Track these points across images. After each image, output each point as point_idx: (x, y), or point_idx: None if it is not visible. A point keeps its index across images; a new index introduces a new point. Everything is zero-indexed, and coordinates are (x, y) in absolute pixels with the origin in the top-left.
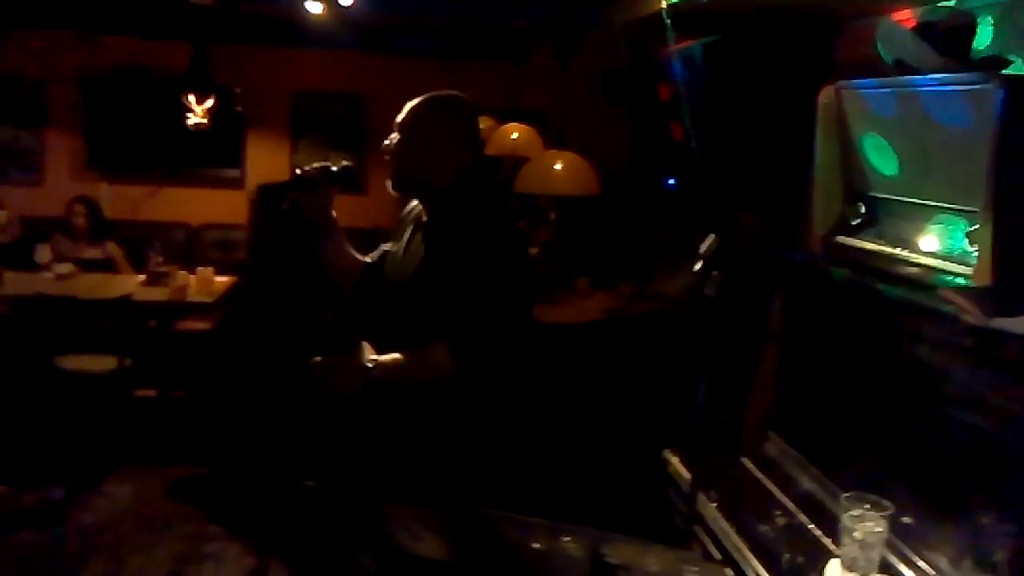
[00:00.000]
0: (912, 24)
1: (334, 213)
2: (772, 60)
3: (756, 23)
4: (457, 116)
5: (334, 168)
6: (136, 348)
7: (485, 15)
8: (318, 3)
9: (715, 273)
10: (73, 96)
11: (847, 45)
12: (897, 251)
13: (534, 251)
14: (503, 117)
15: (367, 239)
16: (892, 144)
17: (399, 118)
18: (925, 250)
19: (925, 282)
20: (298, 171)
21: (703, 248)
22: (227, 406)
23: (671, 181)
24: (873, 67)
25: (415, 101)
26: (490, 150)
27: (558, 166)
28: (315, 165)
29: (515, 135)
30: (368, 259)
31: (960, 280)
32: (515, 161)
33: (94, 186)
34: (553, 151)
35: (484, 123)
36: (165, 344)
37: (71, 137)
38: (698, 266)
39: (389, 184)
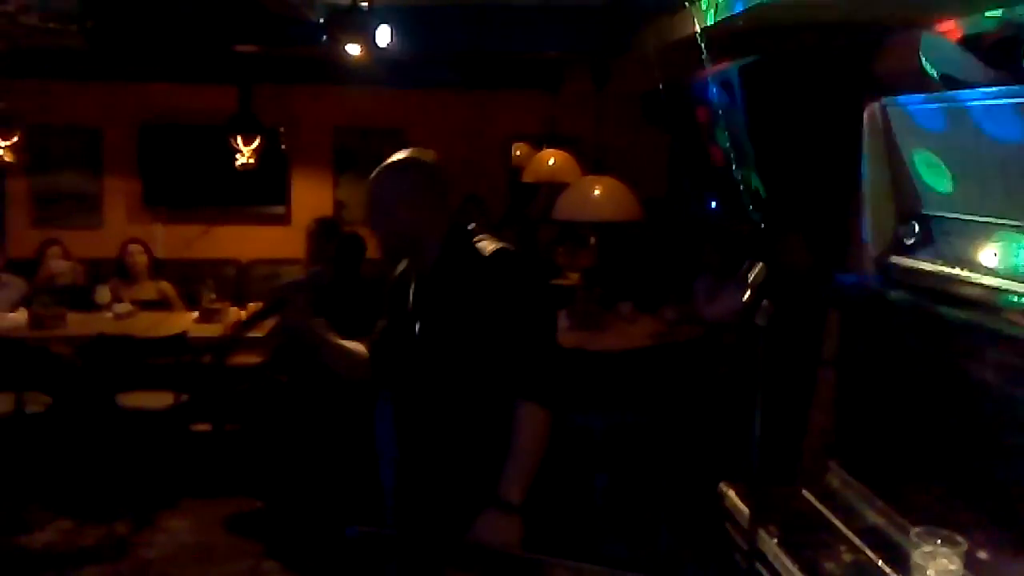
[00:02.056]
0: (957, 37)
1: (318, 320)
2: (811, 78)
3: (792, 41)
4: (419, 175)
5: (300, 279)
6: (191, 384)
7: (516, 48)
8: (356, 45)
9: (765, 302)
10: (128, 142)
11: (889, 59)
12: (956, 271)
13: (575, 276)
14: (539, 143)
15: None
16: (944, 161)
17: (371, 193)
18: (986, 269)
19: (988, 303)
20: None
21: (751, 277)
22: (280, 440)
23: (713, 204)
24: (918, 81)
25: (374, 173)
26: (526, 177)
27: (597, 192)
28: (283, 282)
29: (551, 161)
30: (368, 344)
31: None
32: (552, 187)
33: (149, 227)
34: (591, 176)
35: (519, 150)
36: (219, 379)
37: (127, 181)
38: (747, 295)
39: (380, 250)
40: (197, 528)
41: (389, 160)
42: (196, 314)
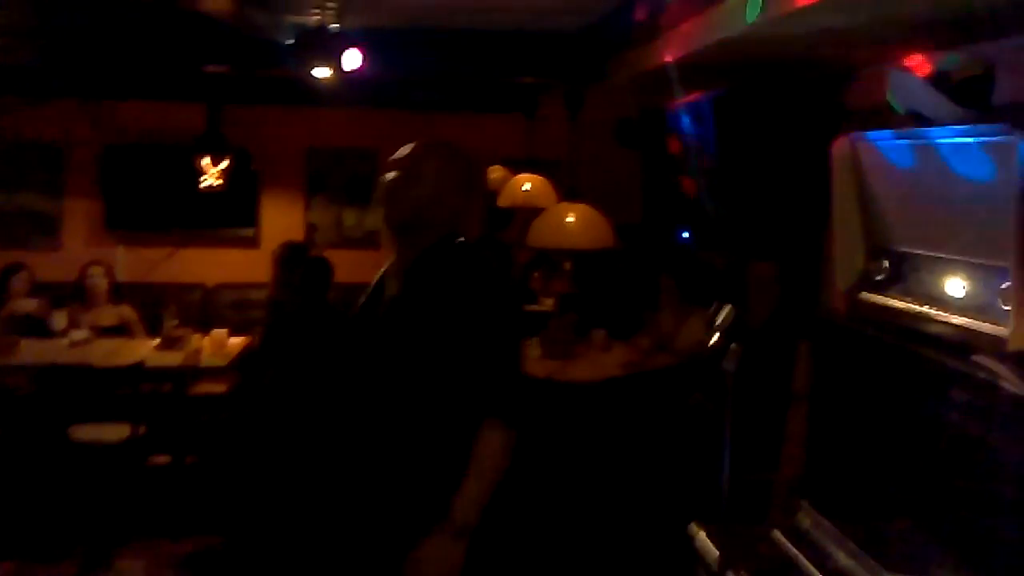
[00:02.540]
0: (925, 73)
1: None
2: (782, 110)
3: (763, 73)
4: (466, 165)
5: None
6: (150, 414)
7: (490, 73)
8: (326, 68)
9: (734, 346)
10: (90, 161)
11: (859, 92)
12: (926, 309)
13: (549, 302)
14: (515, 167)
15: None
16: (913, 197)
17: (404, 153)
18: (956, 308)
19: (957, 343)
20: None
21: (719, 319)
22: (242, 474)
23: (684, 234)
24: (888, 115)
25: (423, 141)
26: (502, 201)
27: (571, 219)
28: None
29: (527, 186)
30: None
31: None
32: (528, 212)
33: (111, 250)
34: (566, 203)
35: (497, 172)
36: (179, 409)
37: (88, 201)
38: (715, 338)
39: (383, 220)
40: (153, 568)
41: (425, 141)
42: (157, 341)
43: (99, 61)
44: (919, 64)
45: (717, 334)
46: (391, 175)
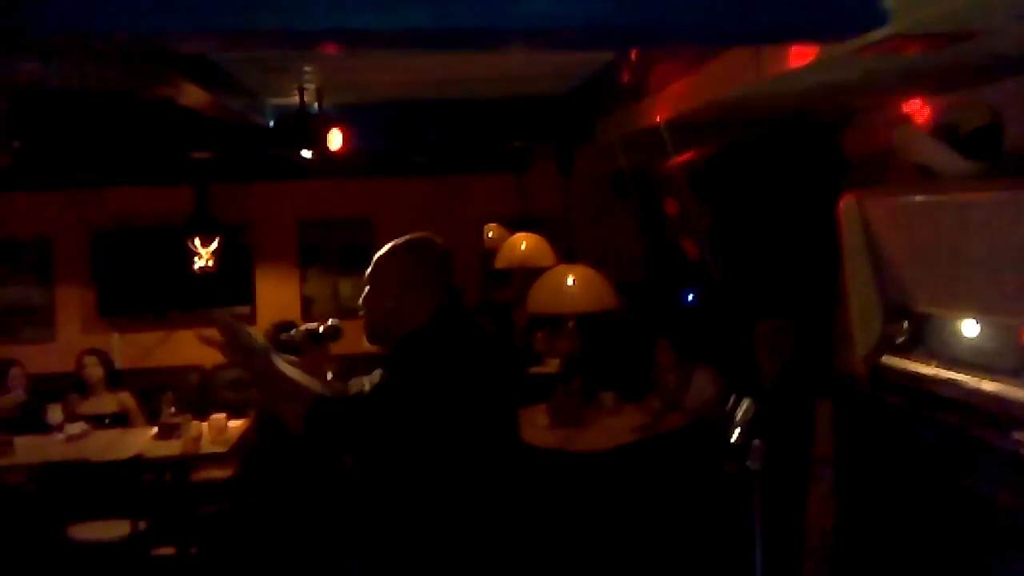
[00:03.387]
0: (928, 121)
1: (329, 374)
2: (778, 164)
3: (756, 127)
4: (424, 260)
5: (319, 329)
6: (152, 507)
7: (479, 141)
8: (308, 150)
9: (757, 442)
10: (81, 249)
11: (857, 140)
12: (952, 375)
13: (554, 363)
14: (510, 225)
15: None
16: (929, 255)
17: (368, 270)
18: (984, 372)
19: (991, 413)
20: (282, 335)
21: (739, 414)
22: (248, 565)
23: (690, 296)
24: (892, 165)
25: (382, 249)
26: (499, 263)
27: (571, 281)
28: (300, 328)
29: (523, 245)
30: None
31: None
32: (526, 272)
33: (106, 337)
34: (564, 265)
35: (494, 231)
36: (181, 499)
37: (81, 290)
38: (736, 434)
39: (365, 338)
40: None
41: (400, 238)
42: (155, 430)
43: (82, 151)
44: (919, 111)
45: (738, 430)
46: (364, 289)
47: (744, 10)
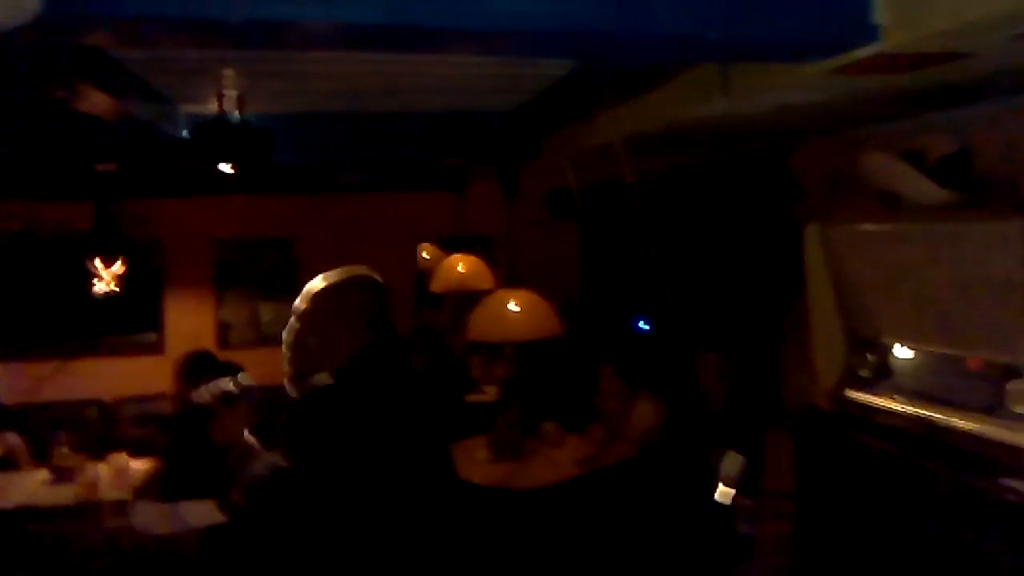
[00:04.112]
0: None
1: (245, 432)
2: (731, 186)
3: (709, 146)
4: (352, 298)
5: (234, 390)
6: (41, 564)
7: (417, 156)
8: (227, 163)
9: (748, 502)
10: None
11: (812, 163)
12: (921, 411)
13: (492, 390)
14: (447, 244)
15: None
16: (897, 286)
17: (298, 304)
18: (954, 410)
19: (960, 451)
20: (193, 397)
21: (725, 469)
22: None
23: (641, 323)
24: (850, 189)
25: (316, 287)
26: (435, 287)
27: (513, 306)
28: (211, 388)
29: (461, 267)
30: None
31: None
32: (462, 296)
33: None
34: (505, 290)
35: (429, 252)
36: (75, 555)
37: None
38: (724, 493)
39: (286, 385)
40: None
41: (335, 275)
42: (46, 474)
43: None
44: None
45: (729, 490)
46: (288, 328)
47: (727, 22)
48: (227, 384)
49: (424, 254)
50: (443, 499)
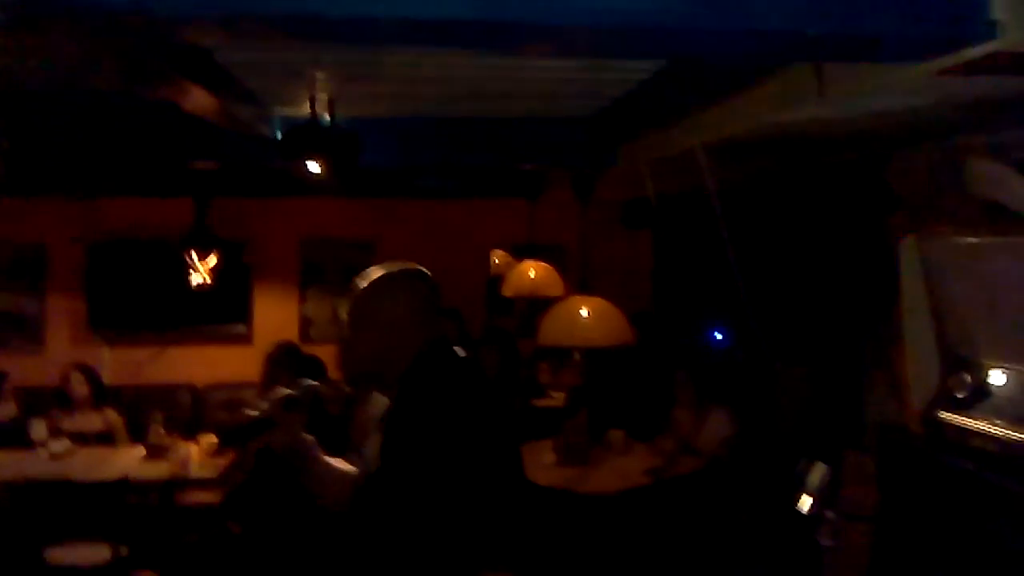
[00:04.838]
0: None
1: (309, 437)
2: (821, 196)
3: (797, 155)
4: (415, 291)
5: (294, 394)
6: (135, 531)
7: (496, 162)
8: (317, 164)
9: (831, 515)
10: (75, 259)
11: (910, 173)
12: (1021, 436)
13: (559, 396)
14: (518, 252)
15: None
16: (1000, 303)
17: (350, 302)
18: None
19: None
20: (253, 412)
21: (810, 481)
22: None
23: (717, 334)
24: (951, 203)
25: (366, 281)
26: (506, 291)
27: (584, 312)
28: (272, 397)
29: (532, 273)
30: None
31: None
32: (532, 302)
33: (95, 351)
34: (578, 296)
35: (500, 257)
36: (166, 524)
37: (73, 301)
38: (807, 504)
39: (343, 378)
40: None
41: (387, 267)
42: (142, 451)
43: (82, 159)
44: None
45: (810, 500)
46: (342, 324)
47: (827, 17)
48: (288, 391)
49: (496, 260)
50: (513, 499)
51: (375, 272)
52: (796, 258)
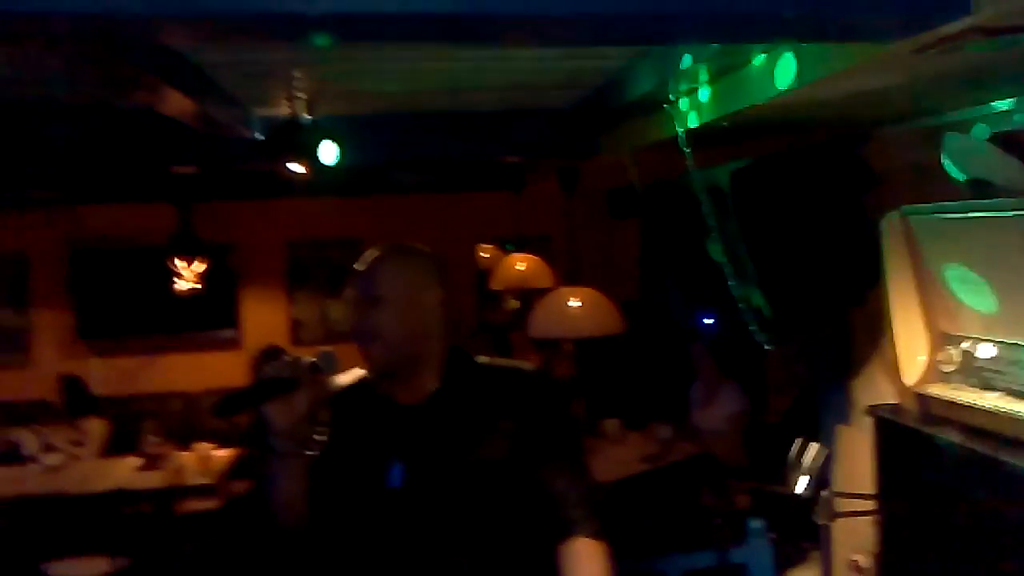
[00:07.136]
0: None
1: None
2: (807, 179)
3: (781, 140)
4: (438, 269)
5: (316, 361)
6: (133, 542)
7: (478, 155)
8: (299, 164)
9: (825, 493)
10: (58, 268)
11: (889, 151)
12: (1012, 407)
13: None
14: (504, 244)
15: None
16: (985, 277)
17: (374, 284)
18: None
19: None
20: (268, 369)
21: (806, 461)
22: None
23: (708, 320)
24: (930, 179)
25: (389, 260)
26: (495, 284)
27: (574, 303)
28: (294, 359)
29: (521, 266)
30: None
31: None
32: (517, 294)
33: (84, 361)
34: (567, 287)
35: (484, 251)
36: (165, 533)
37: (58, 311)
38: (803, 484)
39: (371, 368)
40: None
41: (402, 246)
42: (136, 461)
43: (61, 166)
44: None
45: (805, 479)
46: (362, 312)
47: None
48: (303, 358)
49: (482, 253)
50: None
51: (375, 250)
52: (782, 239)
